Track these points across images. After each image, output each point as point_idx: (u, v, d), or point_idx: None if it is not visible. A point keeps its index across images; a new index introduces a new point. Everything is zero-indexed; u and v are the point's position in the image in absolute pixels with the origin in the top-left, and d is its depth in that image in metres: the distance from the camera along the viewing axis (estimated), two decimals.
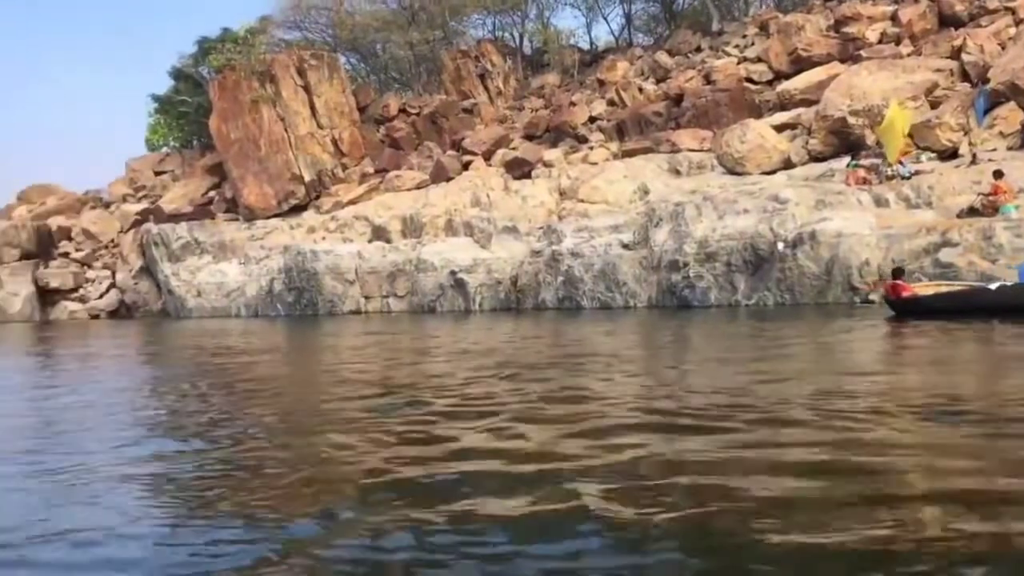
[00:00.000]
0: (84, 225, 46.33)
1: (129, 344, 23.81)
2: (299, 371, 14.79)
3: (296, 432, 7.77)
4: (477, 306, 28.05)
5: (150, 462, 6.65)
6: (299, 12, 46.21)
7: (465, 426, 7.39)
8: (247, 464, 6.37)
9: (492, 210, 31.11)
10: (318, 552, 4.18)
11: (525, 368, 11.66)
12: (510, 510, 4.70)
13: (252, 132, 39.59)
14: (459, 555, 4.07)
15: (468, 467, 5.82)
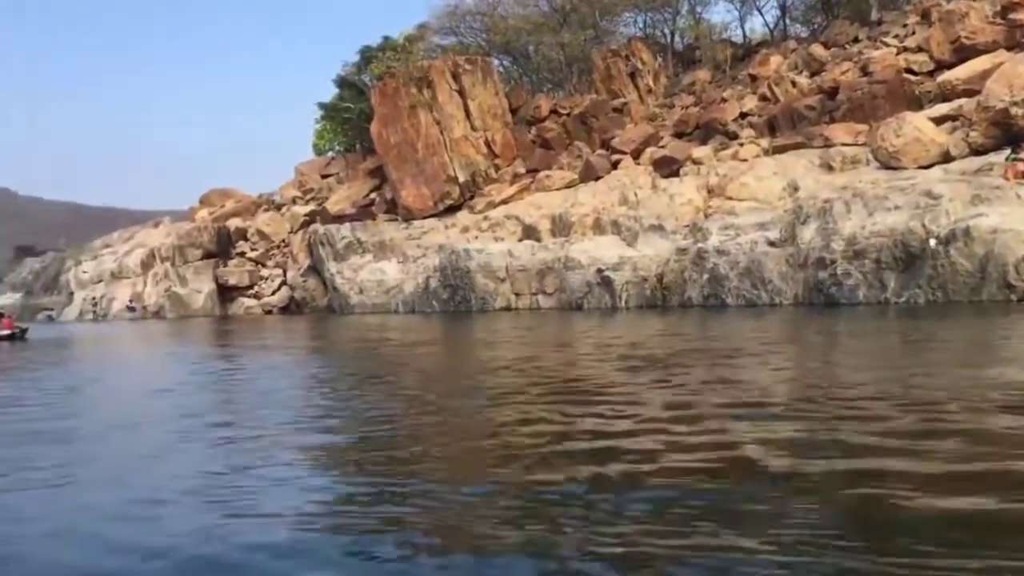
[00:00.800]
0: (258, 226, 50.23)
1: (302, 336, 26.05)
2: (458, 360, 16.07)
3: (460, 411, 8.88)
4: (623, 303, 28.82)
5: (334, 432, 8.00)
6: (455, 18, 48.30)
7: (621, 408, 8.14)
8: (419, 434, 7.52)
9: (639, 208, 31.80)
10: (495, 510, 4.81)
11: (673, 362, 12.31)
12: (680, 468, 5.51)
13: (410, 136, 41.81)
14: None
15: (623, 443, 6.50)
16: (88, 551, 4.44)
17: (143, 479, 5.93)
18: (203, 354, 20.31)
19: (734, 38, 45.88)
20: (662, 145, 36.69)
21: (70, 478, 6.23)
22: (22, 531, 4.84)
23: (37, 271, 68.88)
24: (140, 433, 8.50)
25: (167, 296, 48.00)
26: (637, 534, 4.28)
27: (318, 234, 43.12)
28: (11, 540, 4.65)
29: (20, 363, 19.22)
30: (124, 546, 4.47)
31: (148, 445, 7.45)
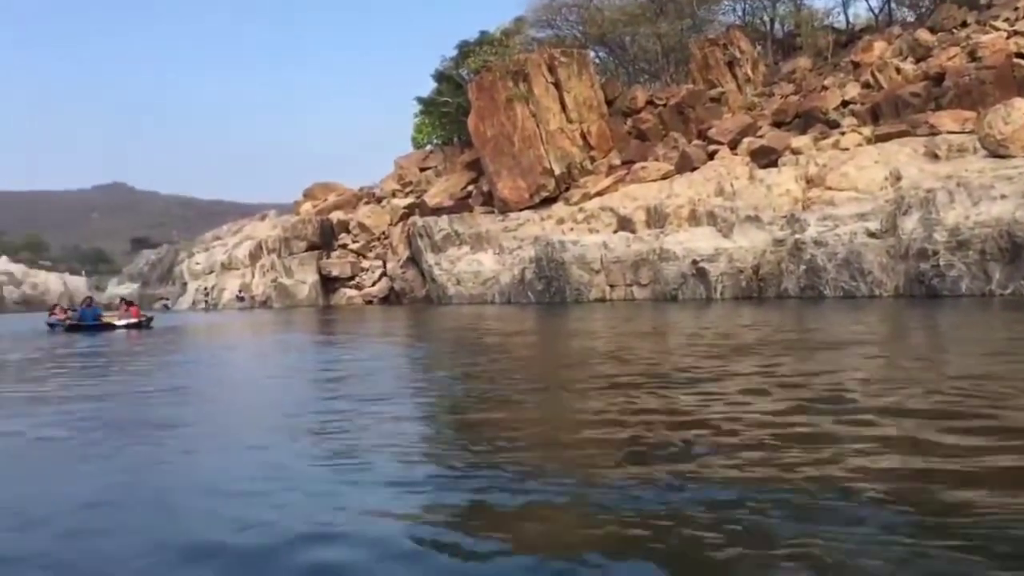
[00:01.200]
0: (359, 219, 51.80)
1: (402, 326, 26.95)
2: (558, 349, 16.51)
3: (554, 400, 9.20)
4: (718, 294, 28.86)
5: (423, 414, 8.63)
6: (551, 11, 48.76)
7: (720, 398, 8.23)
8: (521, 421, 7.93)
9: (736, 199, 31.67)
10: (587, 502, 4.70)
11: (771, 352, 12.35)
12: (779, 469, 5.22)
13: (507, 129, 42.46)
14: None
15: (711, 435, 6.39)
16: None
17: (255, 457, 6.60)
18: (312, 341, 21.35)
19: (836, 24, 45.00)
20: (760, 135, 36.33)
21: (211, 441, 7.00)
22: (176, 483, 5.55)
23: (153, 262, 72.61)
24: (261, 411, 9.31)
25: (274, 286, 50.02)
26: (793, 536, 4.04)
27: (417, 226, 44.25)
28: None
29: (148, 347, 20.60)
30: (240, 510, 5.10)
31: (265, 426, 8.20)
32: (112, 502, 5.15)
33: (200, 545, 4.23)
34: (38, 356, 18.91)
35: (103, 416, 8.67)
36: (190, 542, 4.29)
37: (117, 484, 5.64)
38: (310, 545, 4.15)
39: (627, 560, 3.85)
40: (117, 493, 5.37)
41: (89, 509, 5.00)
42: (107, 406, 9.58)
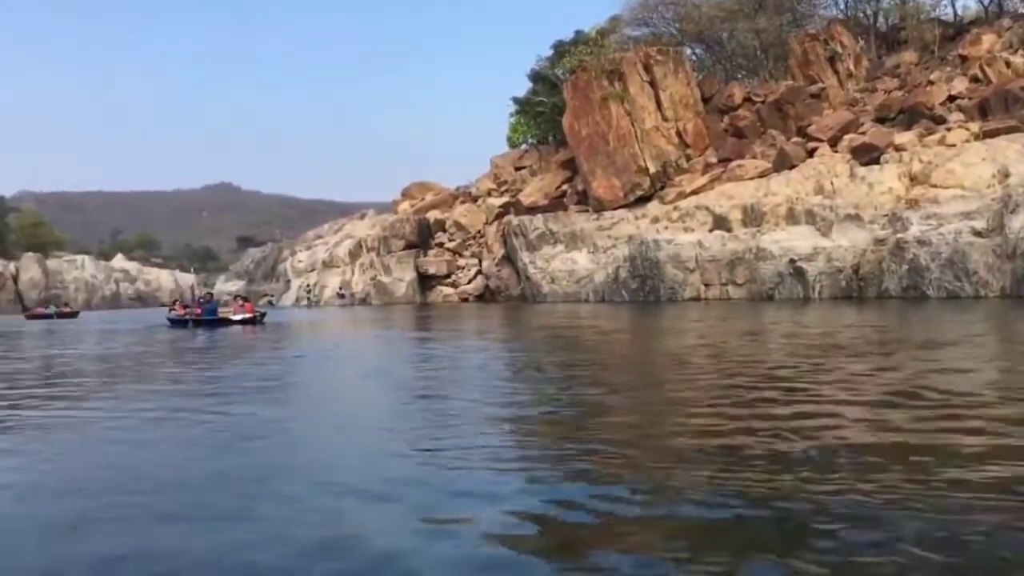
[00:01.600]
0: (456, 218, 52.79)
1: (498, 323, 27.47)
2: (656, 347, 16.63)
3: (648, 400, 9.38)
4: (816, 294, 28.53)
5: (515, 407, 9.07)
6: (647, 9, 48.69)
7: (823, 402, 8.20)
8: (620, 417, 8.34)
9: (835, 197, 31.22)
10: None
11: (876, 354, 12.16)
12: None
13: (601, 128, 42.69)
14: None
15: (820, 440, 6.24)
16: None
17: (368, 445, 7.14)
18: (412, 337, 22.06)
19: (943, 17, 43.61)
20: (861, 131, 35.64)
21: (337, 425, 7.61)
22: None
23: (258, 260, 75.24)
24: (370, 402, 9.92)
25: (373, 284, 51.41)
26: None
27: (512, 225, 44.88)
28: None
29: (265, 341, 21.61)
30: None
31: (375, 417, 8.78)
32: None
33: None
34: (163, 349, 20.15)
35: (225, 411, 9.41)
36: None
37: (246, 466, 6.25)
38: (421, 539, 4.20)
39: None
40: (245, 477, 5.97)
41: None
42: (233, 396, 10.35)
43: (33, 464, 6.41)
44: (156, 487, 5.41)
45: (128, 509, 4.89)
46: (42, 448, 7.10)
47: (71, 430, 8.06)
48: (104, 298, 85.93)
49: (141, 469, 6.00)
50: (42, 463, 6.45)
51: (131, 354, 18.15)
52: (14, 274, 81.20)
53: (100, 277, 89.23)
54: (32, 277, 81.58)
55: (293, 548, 4.08)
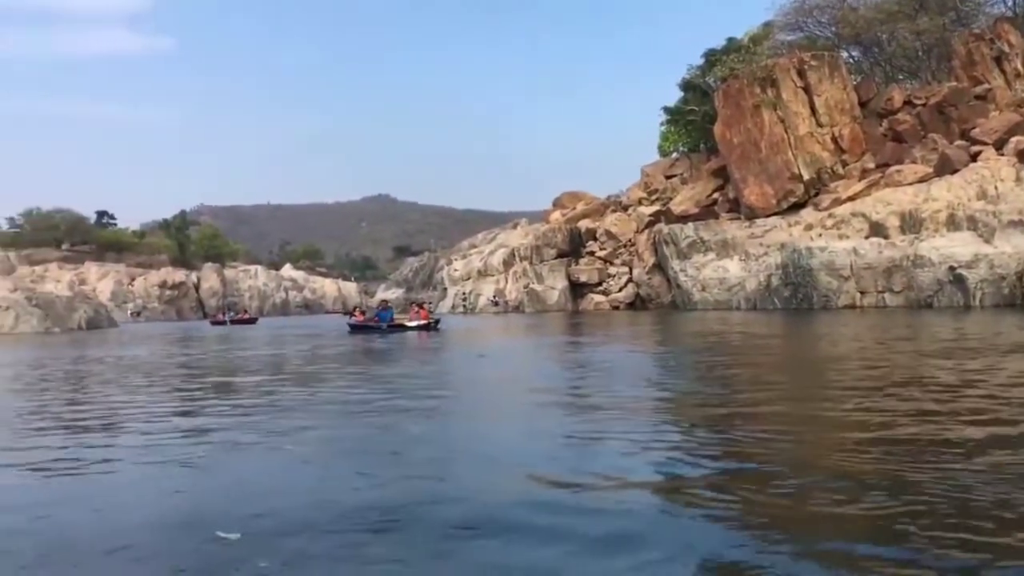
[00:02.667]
0: (606, 227, 53.82)
1: (651, 329, 28.33)
2: (814, 355, 16.48)
3: (815, 405, 8.65)
4: (977, 302, 27.98)
5: (665, 400, 10.14)
6: (801, 13, 48.28)
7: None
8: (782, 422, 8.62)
9: (999, 203, 30.42)
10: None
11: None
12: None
13: (753, 135, 42.76)
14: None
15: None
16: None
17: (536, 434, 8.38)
18: (568, 342, 23.20)
19: None
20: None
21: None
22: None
23: (416, 269, 78.77)
24: (539, 399, 11.22)
25: (526, 292, 53.10)
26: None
27: (662, 233, 45.54)
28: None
29: (442, 344, 23.20)
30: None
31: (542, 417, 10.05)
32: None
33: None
34: (347, 349, 22.25)
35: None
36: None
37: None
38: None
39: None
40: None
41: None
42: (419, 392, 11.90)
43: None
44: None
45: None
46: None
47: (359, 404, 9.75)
48: (275, 305, 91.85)
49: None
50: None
51: (345, 353, 20.24)
52: (196, 283, 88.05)
53: (271, 286, 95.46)
54: (211, 286, 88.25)
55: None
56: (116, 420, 9.16)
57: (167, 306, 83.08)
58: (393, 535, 4.38)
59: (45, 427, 8.82)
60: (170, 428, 8.40)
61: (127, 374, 15.65)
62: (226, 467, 6.38)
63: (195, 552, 4.19)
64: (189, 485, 5.77)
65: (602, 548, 4.13)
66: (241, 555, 4.09)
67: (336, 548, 4.17)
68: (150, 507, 5.09)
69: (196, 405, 10.40)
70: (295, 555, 4.09)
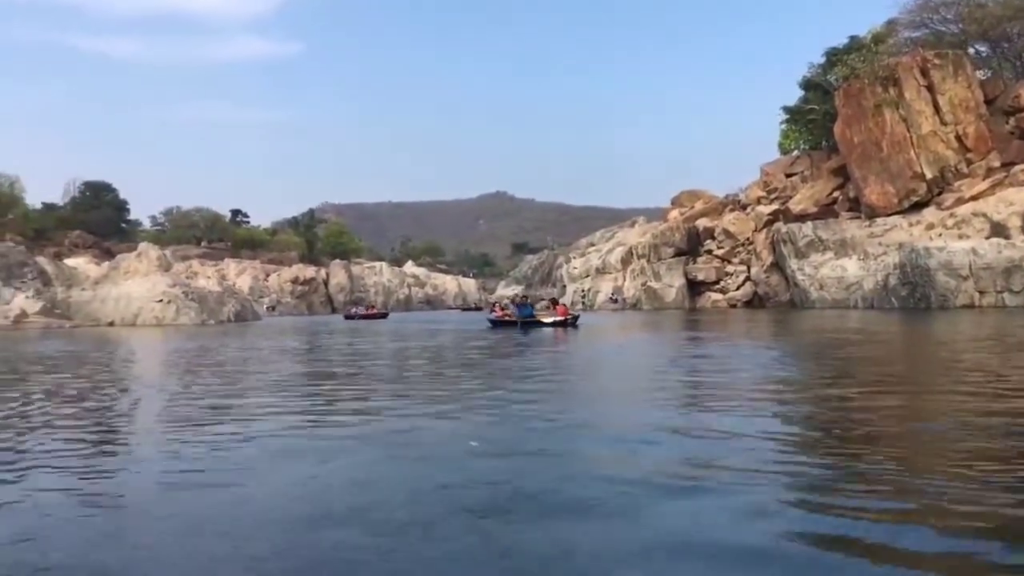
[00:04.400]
0: (724, 226, 55.03)
1: (769, 327, 29.63)
2: (931, 354, 17.04)
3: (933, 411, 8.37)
4: None
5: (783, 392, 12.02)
6: (927, 10, 48.29)
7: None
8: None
9: None
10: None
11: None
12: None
13: (874, 135, 43.39)
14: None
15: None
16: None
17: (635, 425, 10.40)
18: (690, 336, 24.58)
19: None
20: None
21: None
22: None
23: (535, 266, 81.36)
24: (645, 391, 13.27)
25: (643, 289, 54.85)
26: None
27: (781, 232, 46.58)
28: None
29: (582, 338, 25.13)
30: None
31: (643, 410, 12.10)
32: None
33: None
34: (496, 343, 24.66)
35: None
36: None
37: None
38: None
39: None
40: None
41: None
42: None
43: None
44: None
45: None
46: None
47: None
48: (398, 301, 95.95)
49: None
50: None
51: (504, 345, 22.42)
52: (325, 279, 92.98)
53: (395, 282, 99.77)
54: (339, 282, 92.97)
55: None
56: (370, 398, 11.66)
57: (299, 301, 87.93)
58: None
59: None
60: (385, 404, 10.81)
61: (347, 358, 18.44)
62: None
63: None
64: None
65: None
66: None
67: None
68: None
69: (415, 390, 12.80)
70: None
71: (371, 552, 3.97)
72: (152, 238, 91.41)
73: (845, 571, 3.59)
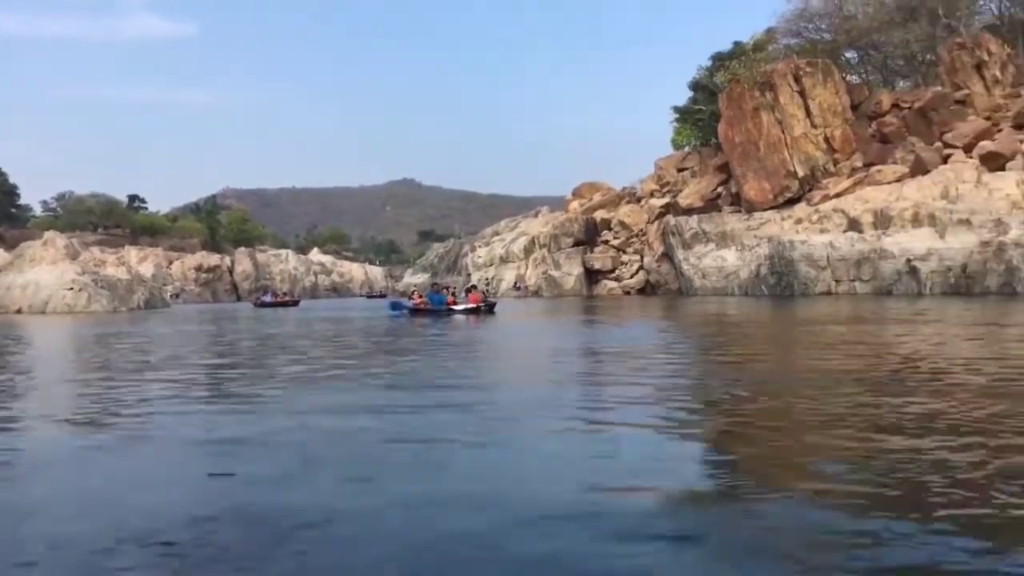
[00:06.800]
0: (620, 217, 59.49)
1: (655, 312, 33.87)
2: (792, 335, 22.64)
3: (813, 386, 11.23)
4: (928, 290, 33.42)
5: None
6: (802, 19, 53.51)
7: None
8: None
9: (957, 203, 35.73)
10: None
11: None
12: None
13: (753, 135, 48.21)
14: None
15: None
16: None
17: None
18: (587, 319, 28.51)
19: None
20: (995, 138, 39.56)
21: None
22: None
23: (441, 254, 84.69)
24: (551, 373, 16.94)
25: (544, 278, 58.92)
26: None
27: (670, 225, 51.16)
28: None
29: (490, 323, 28.90)
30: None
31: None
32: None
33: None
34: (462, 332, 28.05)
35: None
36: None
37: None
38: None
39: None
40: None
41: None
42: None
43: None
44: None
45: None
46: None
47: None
48: (304, 288, 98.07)
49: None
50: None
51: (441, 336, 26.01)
52: (230, 267, 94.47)
53: (301, 269, 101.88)
54: (245, 269, 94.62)
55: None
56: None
57: (203, 288, 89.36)
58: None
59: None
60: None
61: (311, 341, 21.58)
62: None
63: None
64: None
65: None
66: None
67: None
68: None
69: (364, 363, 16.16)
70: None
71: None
72: (45, 224, 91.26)
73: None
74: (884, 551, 3.79)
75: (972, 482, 4.83)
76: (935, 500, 4.52)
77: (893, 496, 4.62)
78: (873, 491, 4.71)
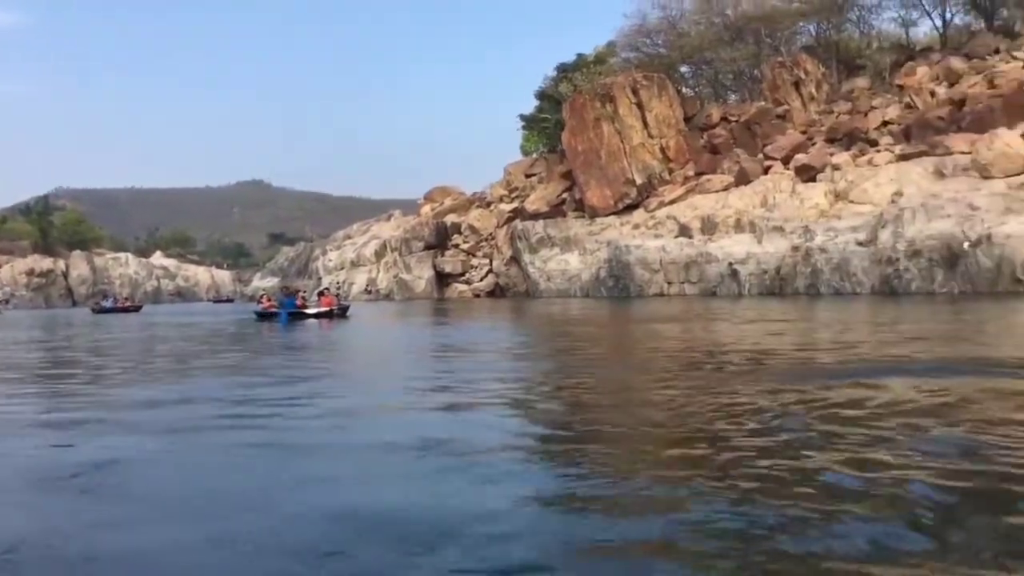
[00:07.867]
0: (470, 221, 61.73)
1: (503, 313, 36.06)
2: (625, 332, 25.04)
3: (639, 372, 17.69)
4: (747, 291, 36.98)
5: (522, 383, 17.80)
6: (641, 34, 57.14)
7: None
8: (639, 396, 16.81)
9: (774, 211, 39.55)
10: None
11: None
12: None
13: (595, 144, 51.35)
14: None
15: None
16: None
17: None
18: (436, 321, 30.42)
19: (902, 42, 51.36)
20: (808, 152, 43.82)
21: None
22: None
23: (292, 258, 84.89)
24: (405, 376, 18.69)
25: (395, 281, 60.49)
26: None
27: (518, 229, 53.70)
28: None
29: (342, 326, 30.23)
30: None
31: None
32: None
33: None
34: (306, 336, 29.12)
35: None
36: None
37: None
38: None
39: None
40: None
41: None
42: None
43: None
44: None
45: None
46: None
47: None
48: (146, 293, 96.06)
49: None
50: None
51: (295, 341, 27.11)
52: (64, 271, 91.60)
53: (143, 274, 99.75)
54: (81, 274, 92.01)
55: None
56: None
57: (35, 294, 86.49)
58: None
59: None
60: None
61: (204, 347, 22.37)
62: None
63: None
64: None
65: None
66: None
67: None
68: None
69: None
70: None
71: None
72: None
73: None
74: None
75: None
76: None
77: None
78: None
